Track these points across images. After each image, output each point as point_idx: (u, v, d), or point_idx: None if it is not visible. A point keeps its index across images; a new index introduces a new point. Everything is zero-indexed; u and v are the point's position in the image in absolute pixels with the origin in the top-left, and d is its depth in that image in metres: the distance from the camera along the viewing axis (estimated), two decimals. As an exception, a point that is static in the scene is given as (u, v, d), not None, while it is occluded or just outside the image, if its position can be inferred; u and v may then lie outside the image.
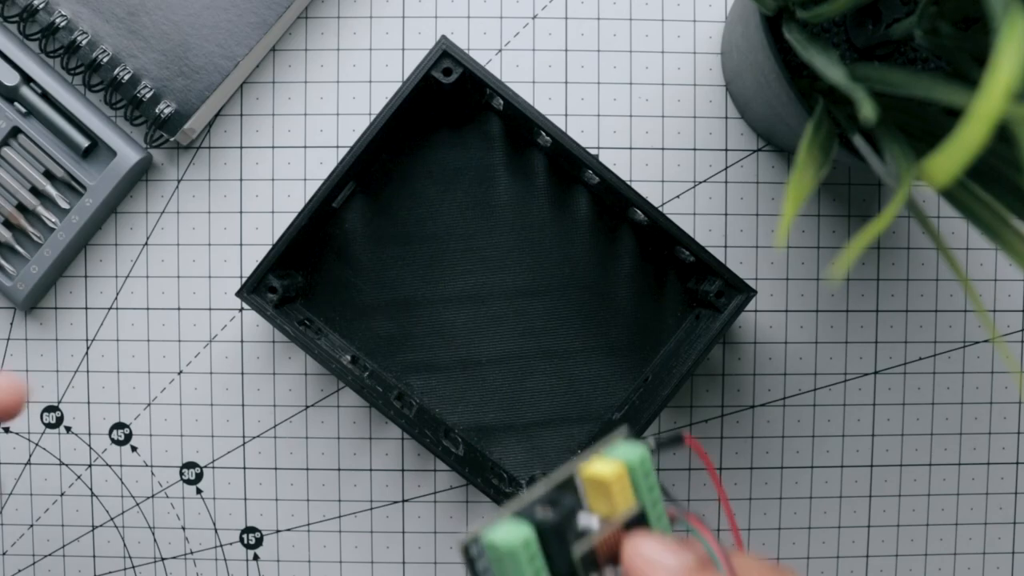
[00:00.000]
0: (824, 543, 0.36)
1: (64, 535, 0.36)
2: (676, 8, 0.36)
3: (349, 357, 0.33)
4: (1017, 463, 0.37)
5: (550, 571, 0.19)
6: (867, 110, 0.18)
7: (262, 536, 0.36)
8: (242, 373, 0.36)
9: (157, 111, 0.34)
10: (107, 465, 0.36)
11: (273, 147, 0.36)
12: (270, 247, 0.31)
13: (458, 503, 0.36)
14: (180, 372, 0.36)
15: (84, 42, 0.34)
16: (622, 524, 0.20)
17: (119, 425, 0.36)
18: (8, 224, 0.35)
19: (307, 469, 0.36)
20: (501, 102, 0.32)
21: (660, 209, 0.31)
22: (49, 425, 0.36)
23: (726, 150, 0.36)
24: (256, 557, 0.36)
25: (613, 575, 0.20)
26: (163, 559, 0.36)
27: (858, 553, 0.36)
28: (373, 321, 0.35)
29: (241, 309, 0.36)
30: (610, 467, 0.20)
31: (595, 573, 0.19)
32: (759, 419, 0.36)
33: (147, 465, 0.36)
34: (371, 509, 0.36)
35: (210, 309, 0.36)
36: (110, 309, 0.36)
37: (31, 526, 0.36)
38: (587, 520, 0.20)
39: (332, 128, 0.36)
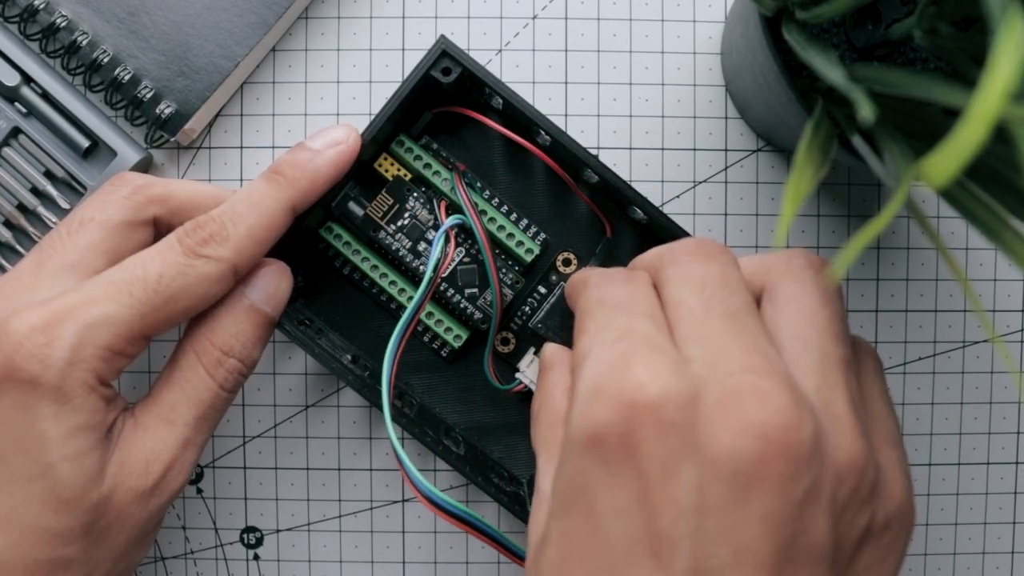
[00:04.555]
0: (824, 543, 0.36)
1: (64, 535, 0.36)
2: (676, 8, 0.36)
3: (349, 357, 0.33)
4: (1017, 463, 0.37)
5: None
6: (865, 111, 0.18)
7: (262, 536, 0.36)
8: (242, 373, 0.36)
9: (157, 111, 0.34)
10: (107, 465, 0.36)
11: (273, 147, 0.36)
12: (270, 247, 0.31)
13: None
14: (180, 372, 0.36)
15: (84, 42, 0.34)
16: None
17: (119, 425, 0.36)
18: (8, 224, 0.35)
19: (307, 469, 0.36)
20: (501, 101, 0.32)
21: (660, 208, 0.31)
22: (49, 425, 0.36)
23: (726, 150, 0.36)
24: (256, 557, 0.36)
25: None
26: (163, 559, 0.36)
27: (858, 553, 0.36)
28: (373, 321, 0.35)
29: (241, 309, 0.36)
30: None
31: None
32: (759, 419, 0.36)
33: (147, 465, 0.36)
34: (371, 509, 0.36)
35: (210, 309, 0.36)
36: (110, 309, 0.36)
37: (31, 526, 0.36)
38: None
39: (332, 128, 0.36)
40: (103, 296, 0.26)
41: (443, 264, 0.32)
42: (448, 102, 0.34)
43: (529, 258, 0.34)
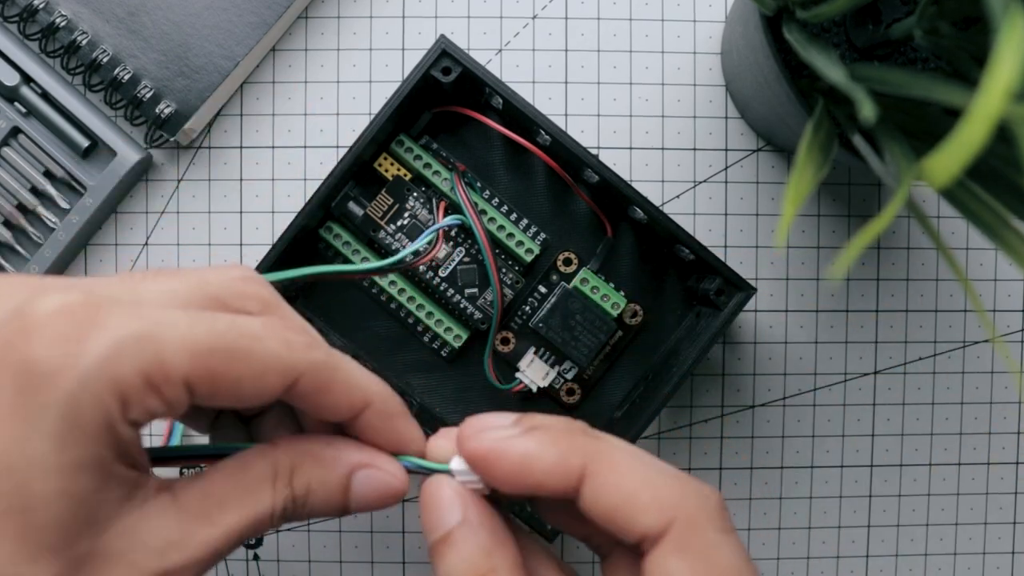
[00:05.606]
0: (824, 543, 0.36)
1: (64, 535, 0.36)
2: (676, 8, 0.36)
3: (349, 357, 0.33)
4: (1017, 463, 0.37)
5: None
6: (867, 110, 0.18)
7: (262, 536, 0.36)
8: (242, 373, 0.36)
9: (157, 111, 0.34)
10: (107, 465, 0.36)
11: (273, 147, 0.36)
12: (270, 247, 0.31)
13: (458, 503, 0.36)
14: (180, 372, 0.36)
15: (84, 42, 0.34)
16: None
17: (119, 425, 0.36)
18: (8, 224, 0.35)
19: (307, 469, 0.36)
20: (501, 101, 0.32)
21: (660, 208, 0.31)
22: (49, 425, 0.36)
23: (726, 150, 0.36)
24: (256, 557, 0.36)
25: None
26: (163, 559, 0.36)
27: (858, 553, 0.36)
28: (373, 321, 0.35)
29: (241, 309, 0.36)
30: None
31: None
32: (759, 419, 0.36)
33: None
34: (371, 509, 0.36)
35: (210, 309, 0.36)
36: (110, 309, 0.36)
37: (31, 526, 0.36)
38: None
39: (332, 128, 0.36)
40: (161, 316, 0.20)
41: (424, 256, 0.32)
42: (448, 102, 0.34)
43: (529, 258, 0.34)
